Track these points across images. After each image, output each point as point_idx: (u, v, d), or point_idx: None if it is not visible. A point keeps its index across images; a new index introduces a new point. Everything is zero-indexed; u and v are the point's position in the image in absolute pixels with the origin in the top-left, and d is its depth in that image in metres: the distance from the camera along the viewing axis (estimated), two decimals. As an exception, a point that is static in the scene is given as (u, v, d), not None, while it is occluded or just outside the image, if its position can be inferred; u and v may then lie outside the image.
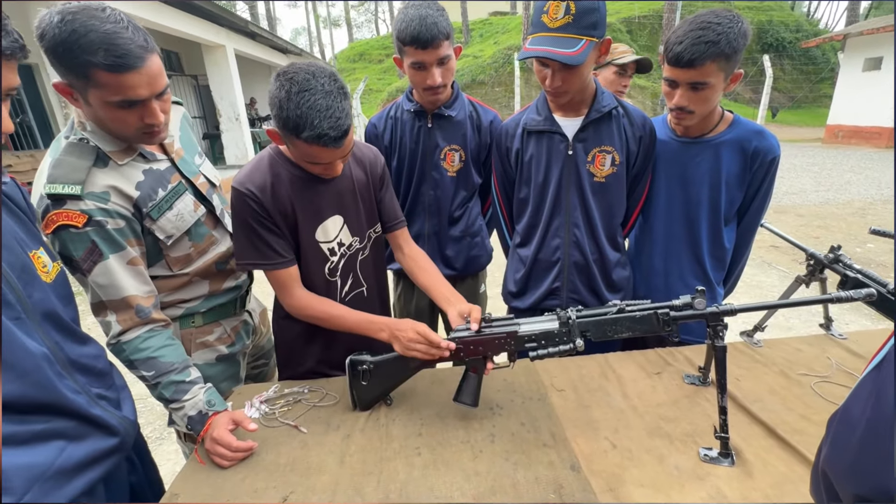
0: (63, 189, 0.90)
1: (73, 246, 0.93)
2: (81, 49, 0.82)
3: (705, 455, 0.90)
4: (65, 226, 0.91)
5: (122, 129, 0.96)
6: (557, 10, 1.14)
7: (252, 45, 10.40)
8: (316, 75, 0.93)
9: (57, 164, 0.92)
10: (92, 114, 0.94)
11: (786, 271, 4.03)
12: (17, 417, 0.74)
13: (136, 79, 0.88)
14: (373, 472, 0.91)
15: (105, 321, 0.98)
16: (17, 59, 0.66)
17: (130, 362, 0.99)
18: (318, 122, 0.92)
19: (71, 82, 0.89)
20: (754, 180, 1.29)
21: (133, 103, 0.90)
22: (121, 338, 0.98)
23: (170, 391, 0.98)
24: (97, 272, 0.95)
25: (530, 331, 0.99)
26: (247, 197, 1.05)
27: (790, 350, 1.27)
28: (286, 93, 0.92)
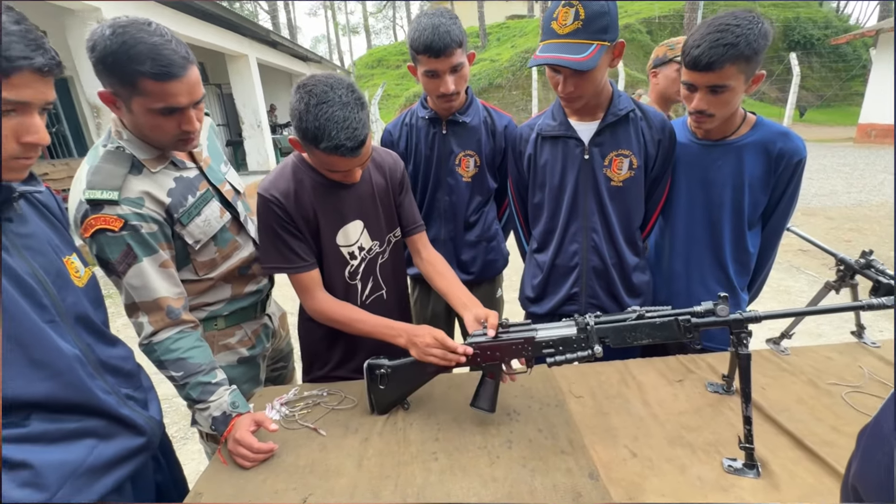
0: (101, 195, 0.95)
1: (109, 249, 0.97)
2: (130, 59, 0.88)
3: (729, 466, 0.88)
4: (102, 229, 0.95)
5: (160, 136, 1.01)
6: (566, 16, 1.14)
7: (273, 54, 10.65)
8: (334, 87, 0.96)
9: (95, 171, 0.97)
10: (132, 122, 1.00)
11: (815, 276, 3.89)
12: (50, 416, 0.78)
13: (178, 87, 0.94)
14: (390, 475, 0.92)
15: (137, 322, 1.02)
16: (54, 74, 0.70)
17: (161, 362, 1.02)
18: (336, 134, 0.95)
19: (116, 91, 0.94)
20: (779, 183, 1.25)
21: (173, 110, 0.96)
22: (152, 338, 1.02)
23: (197, 392, 1.02)
24: (131, 274, 0.99)
25: (548, 336, 0.99)
26: (271, 203, 1.09)
27: (819, 358, 1.23)
28: (305, 105, 0.96)
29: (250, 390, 1.28)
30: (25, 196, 0.80)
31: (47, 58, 0.68)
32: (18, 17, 0.66)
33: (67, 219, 0.95)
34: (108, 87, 0.95)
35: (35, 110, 0.70)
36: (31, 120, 0.69)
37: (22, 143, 0.69)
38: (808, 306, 1.39)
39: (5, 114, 0.66)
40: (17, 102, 0.66)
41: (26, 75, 0.66)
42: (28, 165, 0.74)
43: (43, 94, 0.69)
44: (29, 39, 0.65)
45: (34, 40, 0.66)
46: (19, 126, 0.68)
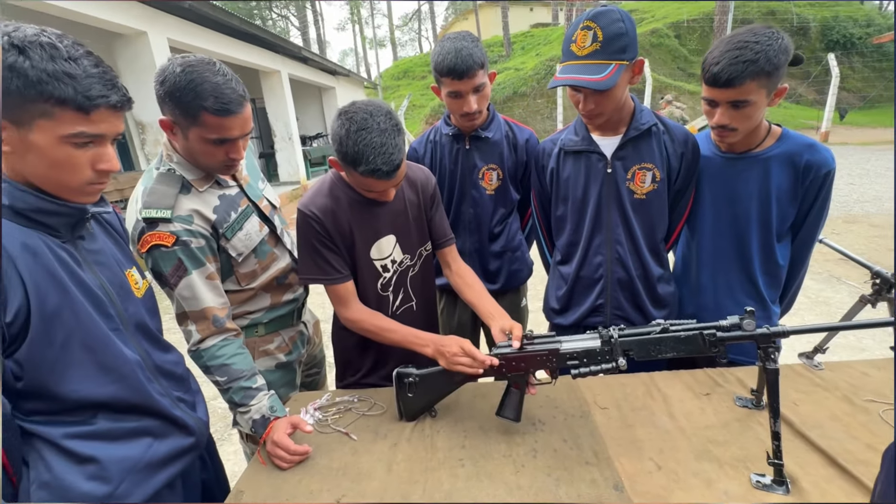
0: (156, 213, 1.05)
1: (163, 263, 1.07)
2: (196, 95, 1.00)
3: (757, 481, 0.87)
4: (157, 245, 1.05)
5: (209, 162, 1.11)
6: (585, 38, 1.18)
7: (304, 69, 11.05)
8: (373, 114, 1.03)
9: (151, 192, 1.07)
10: (185, 147, 1.10)
11: (857, 287, 3.71)
12: (114, 416, 0.86)
13: (234, 122, 1.05)
14: (419, 480, 0.95)
15: (187, 330, 1.11)
16: (125, 109, 0.79)
17: (206, 368, 1.11)
18: (373, 159, 1.02)
19: (176, 120, 1.05)
20: (808, 195, 1.24)
21: (225, 141, 1.07)
22: (200, 345, 1.11)
23: (239, 396, 1.09)
24: (182, 286, 1.08)
25: (572, 348, 1.01)
26: (310, 219, 1.16)
27: (855, 374, 1.20)
28: (346, 131, 1.03)
29: (286, 394, 1.35)
30: (95, 217, 0.89)
31: (120, 95, 0.76)
32: (97, 61, 0.75)
33: (128, 235, 1.05)
34: (168, 115, 1.06)
35: (108, 141, 0.78)
36: (105, 150, 0.78)
37: (97, 170, 0.78)
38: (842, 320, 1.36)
39: (84, 146, 0.75)
40: (94, 136, 0.75)
41: (103, 111, 0.74)
42: (100, 189, 0.83)
43: (116, 127, 0.78)
44: (106, 80, 0.74)
45: (110, 80, 0.75)
46: (95, 155, 0.77)
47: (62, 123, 0.71)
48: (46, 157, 0.73)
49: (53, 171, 0.75)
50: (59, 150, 0.73)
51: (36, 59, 0.68)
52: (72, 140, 0.73)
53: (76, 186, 0.78)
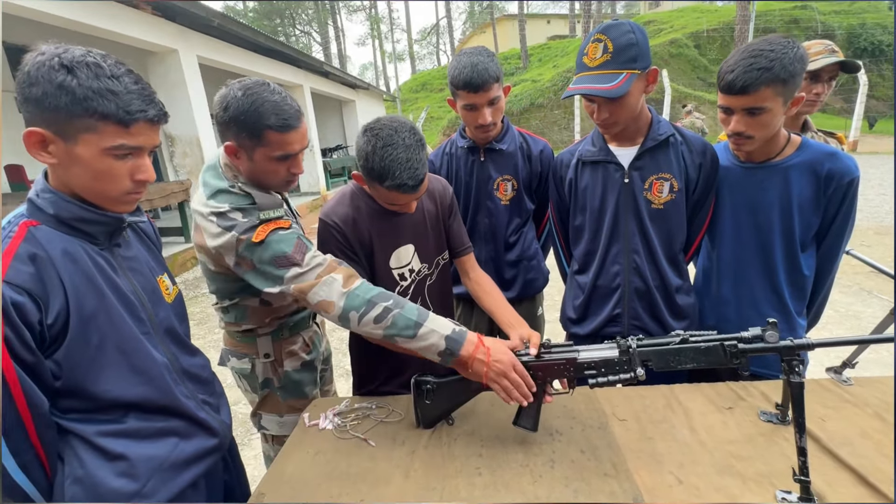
0: (273, 213, 1.09)
1: (284, 244, 1.06)
2: (259, 115, 1.04)
3: (783, 499, 0.85)
4: (276, 228, 1.07)
5: (273, 179, 1.15)
6: (596, 50, 1.20)
7: (325, 83, 11.34)
8: (398, 130, 1.07)
9: (258, 197, 1.10)
10: (249, 169, 1.13)
11: (888, 300, 3.57)
12: (143, 416, 0.89)
13: (294, 136, 1.10)
14: (436, 487, 0.96)
15: (329, 285, 1.04)
16: (162, 123, 0.84)
17: (369, 301, 1.03)
18: (399, 174, 1.06)
19: (241, 143, 1.09)
20: (831, 204, 1.22)
21: (288, 157, 1.11)
22: (349, 287, 1.05)
23: (415, 313, 1.04)
24: (308, 258, 1.07)
25: (590, 358, 1.01)
26: (332, 228, 1.20)
27: (887, 390, 1.15)
28: (372, 147, 1.06)
29: (311, 392, 1.40)
30: (132, 225, 0.94)
31: (157, 109, 0.81)
32: (137, 78, 0.80)
33: (161, 243, 1.10)
34: (232, 140, 1.09)
35: (146, 153, 0.83)
36: (143, 161, 0.83)
37: (135, 181, 0.83)
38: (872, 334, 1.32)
39: (123, 157, 0.80)
40: (133, 148, 0.80)
41: (142, 125, 0.79)
42: (138, 199, 0.87)
43: (152, 140, 0.83)
44: (144, 95, 0.79)
45: (148, 96, 0.80)
46: (134, 167, 0.82)
47: (105, 137, 0.76)
48: (90, 169, 0.78)
49: (96, 181, 0.80)
50: (101, 161, 0.78)
51: (83, 78, 0.74)
52: (113, 152, 0.78)
53: (116, 196, 0.83)
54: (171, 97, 6.19)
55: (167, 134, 6.54)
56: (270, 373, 1.33)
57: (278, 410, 1.36)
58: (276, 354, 1.31)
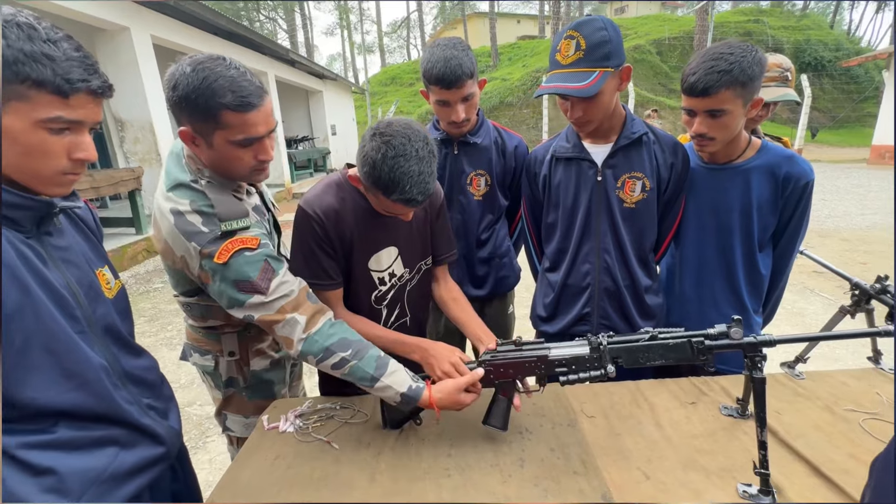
0: (238, 224, 1.00)
1: (250, 267, 0.98)
2: (213, 92, 0.92)
3: (744, 492, 0.87)
4: (241, 249, 0.98)
5: (239, 168, 1.03)
6: (568, 47, 1.19)
7: (291, 72, 10.95)
8: (412, 139, 0.97)
9: (218, 203, 1.00)
10: (210, 157, 1.02)
11: (830, 298, 3.83)
12: (77, 424, 0.80)
13: (257, 117, 0.97)
14: (403, 490, 0.92)
15: (289, 322, 1.01)
16: (105, 96, 0.75)
17: (326, 349, 1.01)
18: (409, 188, 0.97)
19: (196, 128, 0.97)
20: (787, 206, 1.27)
21: (252, 141, 0.99)
22: (310, 331, 1.02)
23: (372, 366, 1.02)
24: (274, 286, 1.00)
25: (561, 355, 1.00)
26: (312, 220, 1.10)
27: (835, 384, 1.21)
28: (382, 155, 0.95)
29: (281, 391, 1.33)
30: (65, 211, 0.85)
31: (101, 81, 0.73)
32: (77, 45, 0.71)
33: (102, 232, 0.99)
34: (187, 125, 0.98)
35: (86, 129, 0.75)
36: (83, 138, 0.74)
37: (72, 160, 0.74)
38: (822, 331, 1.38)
39: (60, 132, 0.71)
40: (72, 121, 0.71)
41: (83, 97, 0.71)
42: (75, 181, 0.78)
43: (95, 115, 0.74)
44: (87, 64, 0.71)
45: (91, 65, 0.72)
46: (72, 143, 0.73)
47: (38, 107, 0.67)
48: (19, 143, 0.69)
49: (26, 158, 0.70)
50: (33, 135, 0.69)
51: (12, 39, 0.65)
52: (48, 125, 0.69)
53: (49, 175, 0.73)
54: (122, 78, 5.78)
55: (117, 118, 6.12)
56: (235, 372, 1.24)
57: (244, 411, 1.29)
58: (241, 353, 1.23)
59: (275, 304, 1.01)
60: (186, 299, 1.17)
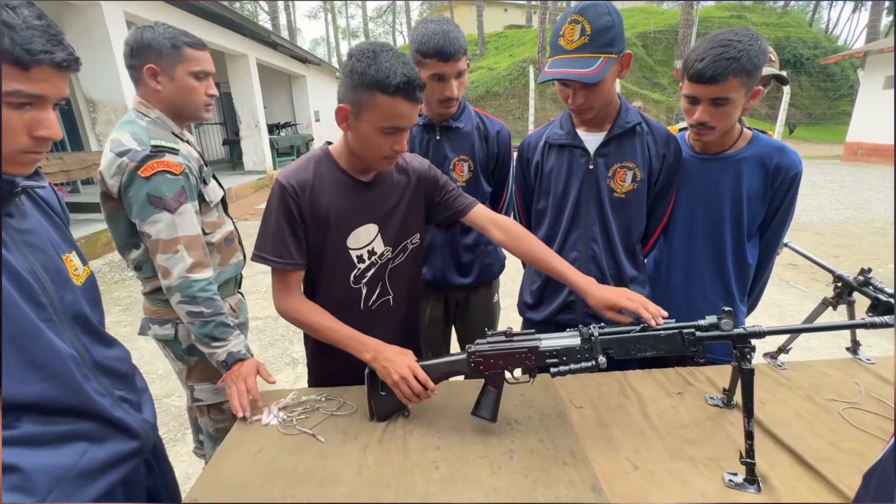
0: (167, 143, 1.18)
1: (166, 187, 1.14)
2: (174, 35, 1.20)
3: (730, 480, 0.88)
4: (164, 171, 1.14)
5: (194, 100, 1.27)
6: (573, 32, 1.16)
7: (273, 55, 10.64)
8: (381, 43, 1.02)
9: (152, 132, 1.19)
10: (172, 91, 1.24)
11: (804, 290, 3.95)
12: (42, 418, 0.75)
13: (206, 56, 1.25)
14: (390, 484, 0.90)
15: (176, 256, 1.15)
16: (70, 70, 0.70)
17: (193, 298, 1.15)
18: (406, 71, 0.97)
19: (161, 64, 1.21)
20: (776, 196, 1.28)
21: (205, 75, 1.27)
22: (191, 274, 1.16)
23: (219, 330, 1.17)
24: (182, 210, 1.16)
25: (551, 346, 0.98)
26: (287, 192, 1.07)
27: (816, 374, 1.24)
28: (373, 52, 0.98)
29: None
30: (27, 191, 0.79)
31: (66, 53, 0.68)
32: (40, 13, 0.65)
33: (68, 216, 0.93)
34: (151, 63, 1.20)
35: (50, 105, 0.69)
36: (46, 114, 0.69)
37: (34, 137, 0.68)
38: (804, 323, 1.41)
39: (20, 107, 0.65)
40: (34, 96, 0.66)
41: (45, 69, 0.65)
42: (37, 160, 0.73)
43: (59, 90, 0.69)
44: (50, 35, 0.65)
45: (55, 35, 0.66)
46: (33, 120, 0.68)
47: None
48: None
49: None
50: None
51: None
52: (7, 99, 0.64)
53: (9, 154, 0.67)
54: (94, 57, 5.51)
55: (89, 99, 5.85)
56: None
57: (211, 378, 1.33)
58: None
59: (175, 229, 1.15)
60: (135, 255, 1.25)
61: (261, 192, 9.34)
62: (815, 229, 5.97)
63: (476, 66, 20.30)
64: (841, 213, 6.90)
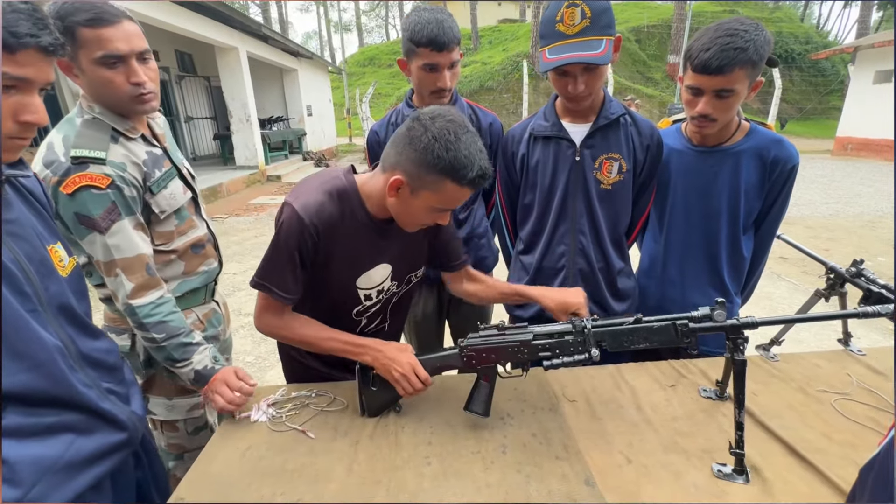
0: (90, 153, 0.99)
1: (93, 205, 0.99)
2: (66, 13, 0.95)
3: (719, 471, 0.87)
4: (88, 185, 0.98)
5: (115, 93, 1.03)
6: (573, 16, 1.14)
7: (264, 48, 10.50)
8: (461, 120, 0.94)
9: (78, 135, 1.01)
10: (89, 86, 1.03)
11: (795, 283, 3.98)
12: (27, 409, 0.74)
13: (113, 32, 0.98)
14: (381, 480, 0.89)
15: (116, 280, 1.04)
16: (56, 55, 0.69)
17: (142, 325, 1.05)
18: (483, 164, 0.92)
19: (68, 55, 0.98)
20: (773, 189, 1.27)
21: (114, 59, 1.00)
22: (133, 301, 1.04)
23: (179, 352, 1.07)
24: (115, 230, 1.02)
25: (544, 340, 0.97)
26: (307, 229, 0.98)
27: (808, 365, 1.24)
28: (454, 134, 0.89)
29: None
30: (10, 180, 0.77)
31: (53, 37, 0.66)
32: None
33: (53, 206, 0.91)
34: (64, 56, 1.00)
35: (36, 89, 0.68)
36: (31, 99, 0.67)
37: (19, 122, 0.67)
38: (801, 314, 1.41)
39: (6, 90, 0.64)
40: (19, 79, 0.65)
41: (31, 53, 0.64)
42: (22, 146, 0.71)
43: (45, 74, 0.68)
44: (36, 18, 0.64)
45: (41, 19, 0.65)
46: (18, 105, 0.66)
47: None
48: None
49: None
50: None
51: None
52: None
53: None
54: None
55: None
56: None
57: (166, 393, 1.24)
58: None
59: (109, 252, 1.02)
60: (83, 261, 1.08)
61: (253, 188, 9.25)
62: (806, 223, 6.03)
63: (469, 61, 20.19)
64: (831, 206, 6.96)
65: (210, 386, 1.07)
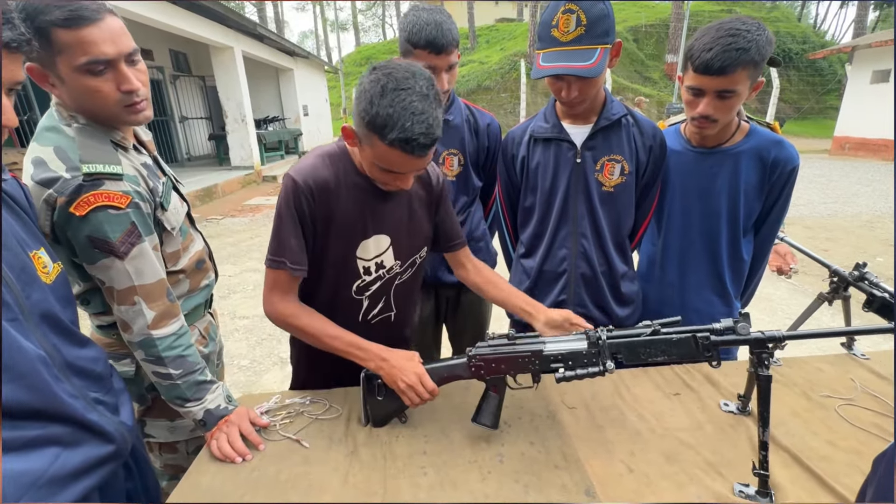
0: (104, 168, 0.86)
1: (110, 227, 0.87)
2: (38, 11, 0.80)
3: (740, 492, 0.83)
4: (104, 206, 0.86)
5: (103, 104, 0.90)
6: (568, 23, 1.11)
7: (260, 48, 10.45)
8: (416, 76, 0.87)
9: (83, 147, 0.88)
10: (71, 97, 0.90)
11: (795, 284, 3.97)
12: (9, 423, 0.71)
13: (96, 33, 0.83)
14: (377, 491, 0.87)
15: (133, 309, 0.92)
16: (22, 52, 0.64)
17: (160, 358, 0.95)
18: (410, 126, 0.85)
19: (40, 59, 0.84)
20: (773, 190, 1.26)
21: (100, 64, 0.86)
22: (153, 332, 0.94)
23: (192, 391, 0.98)
24: (135, 254, 0.91)
25: (556, 350, 0.94)
26: (301, 192, 0.98)
27: (811, 370, 1.22)
28: (381, 87, 0.85)
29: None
30: None
31: (17, 33, 0.62)
32: None
33: (35, 211, 0.87)
34: (35, 62, 0.85)
35: (3, 90, 0.64)
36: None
37: None
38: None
39: None
40: None
41: None
42: None
43: (12, 73, 0.64)
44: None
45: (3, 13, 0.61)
46: None
47: None
48: None
49: None
50: None
51: None
52: None
53: None
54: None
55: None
56: None
57: (168, 414, 1.12)
58: None
59: (128, 278, 0.90)
60: (79, 290, 0.99)
61: (248, 188, 9.20)
62: (805, 223, 6.02)
63: (467, 60, 20.16)
64: (829, 206, 6.96)
65: (220, 427, 0.99)
